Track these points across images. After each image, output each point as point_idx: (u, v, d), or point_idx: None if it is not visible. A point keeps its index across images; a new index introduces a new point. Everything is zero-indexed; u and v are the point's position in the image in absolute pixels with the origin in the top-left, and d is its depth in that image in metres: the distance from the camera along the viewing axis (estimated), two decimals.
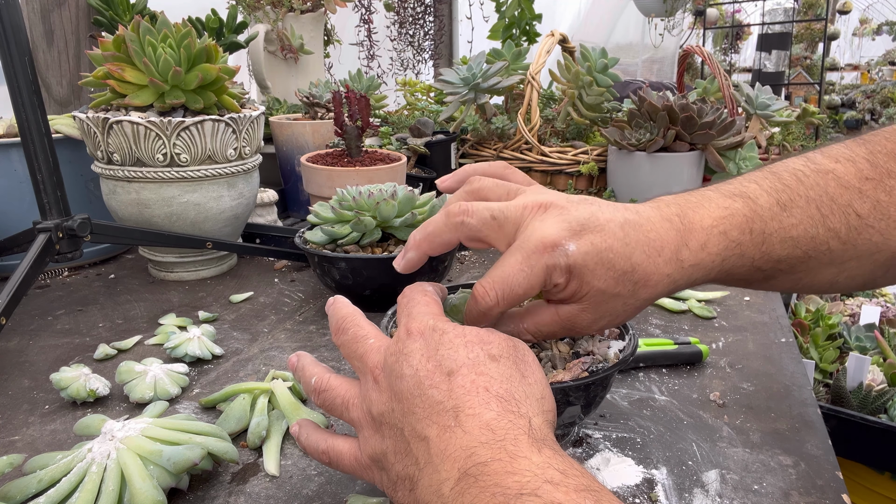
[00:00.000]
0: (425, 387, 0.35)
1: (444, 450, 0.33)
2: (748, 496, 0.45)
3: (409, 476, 0.35)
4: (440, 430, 0.34)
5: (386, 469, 0.37)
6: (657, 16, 3.20)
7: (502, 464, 0.31)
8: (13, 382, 0.62)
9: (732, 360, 0.66)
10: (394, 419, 0.36)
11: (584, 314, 0.42)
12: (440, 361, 0.36)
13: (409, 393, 0.36)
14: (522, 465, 0.31)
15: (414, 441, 0.35)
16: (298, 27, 1.41)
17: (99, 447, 0.43)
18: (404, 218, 0.75)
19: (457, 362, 0.36)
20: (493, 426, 0.33)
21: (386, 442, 0.37)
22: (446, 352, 0.37)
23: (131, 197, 0.83)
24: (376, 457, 0.38)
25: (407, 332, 0.39)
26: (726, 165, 1.02)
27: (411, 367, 0.36)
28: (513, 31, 1.43)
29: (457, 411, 0.34)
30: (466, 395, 0.35)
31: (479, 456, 0.32)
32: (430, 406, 0.35)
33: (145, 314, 0.78)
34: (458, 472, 0.32)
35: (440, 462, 0.33)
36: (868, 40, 6.42)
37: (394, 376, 0.37)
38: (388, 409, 0.37)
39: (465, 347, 0.37)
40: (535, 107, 1.11)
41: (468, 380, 0.35)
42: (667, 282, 0.42)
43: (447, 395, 0.35)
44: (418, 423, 0.35)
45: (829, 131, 4.53)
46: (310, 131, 1.16)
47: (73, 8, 1.15)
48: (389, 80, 2.23)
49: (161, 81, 0.78)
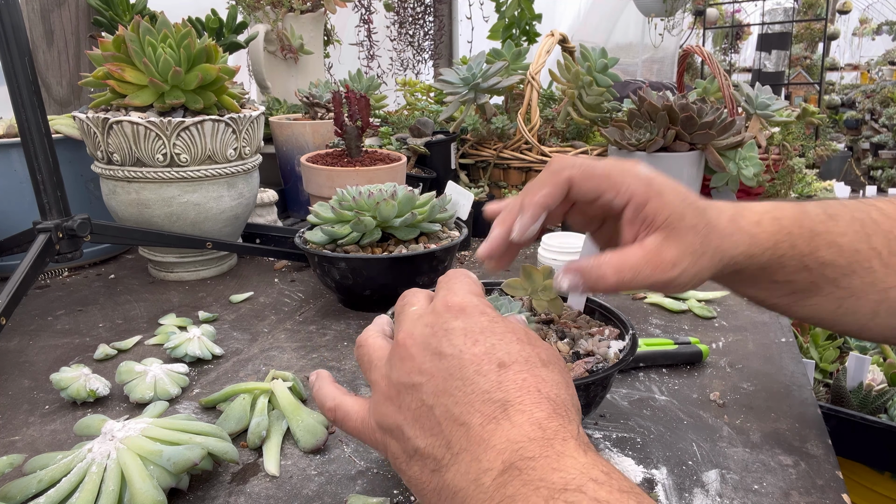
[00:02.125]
0: (470, 371, 0.35)
1: (487, 439, 0.33)
2: (748, 496, 0.45)
3: (435, 457, 0.34)
4: (484, 419, 0.33)
5: (400, 440, 0.36)
6: (657, 16, 3.20)
7: (549, 461, 0.31)
8: (13, 382, 0.62)
9: (732, 359, 0.66)
10: (422, 394, 0.35)
11: (667, 246, 0.41)
12: (490, 350, 0.35)
13: (448, 374, 0.35)
14: (568, 463, 0.31)
15: (448, 423, 0.34)
16: (298, 27, 1.41)
17: (99, 447, 0.43)
18: (404, 218, 0.75)
19: (511, 356, 0.35)
20: (543, 425, 0.33)
21: (403, 414, 0.36)
22: (498, 342, 0.36)
23: (131, 197, 0.83)
24: (387, 426, 0.37)
25: (445, 305, 0.38)
26: (726, 165, 1.02)
27: (454, 347, 0.36)
28: (513, 31, 1.43)
29: (506, 404, 0.34)
30: (518, 391, 0.34)
31: (527, 451, 0.32)
32: (475, 393, 0.34)
33: (145, 314, 0.78)
34: (503, 463, 0.32)
35: (482, 451, 0.33)
36: (868, 40, 6.41)
37: (430, 350, 0.36)
38: (415, 381, 0.36)
39: (517, 343, 0.36)
40: (535, 107, 1.11)
41: (521, 377, 0.35)
42: (731, 240, 0.43)
43: (496, 385, 0.34)
44: (456, 406, 0.34)
45: (828, 131, 4.53)
46: (310, 131, 1.16)
47: (73, 8, 1.15)
48: (389, 80, 2.23)
49: (161, 81, 0.78)
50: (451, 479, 0.33)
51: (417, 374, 0.36)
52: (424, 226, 0.77)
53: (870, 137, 4.74)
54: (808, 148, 1.27)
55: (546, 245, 0.79)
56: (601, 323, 0.55)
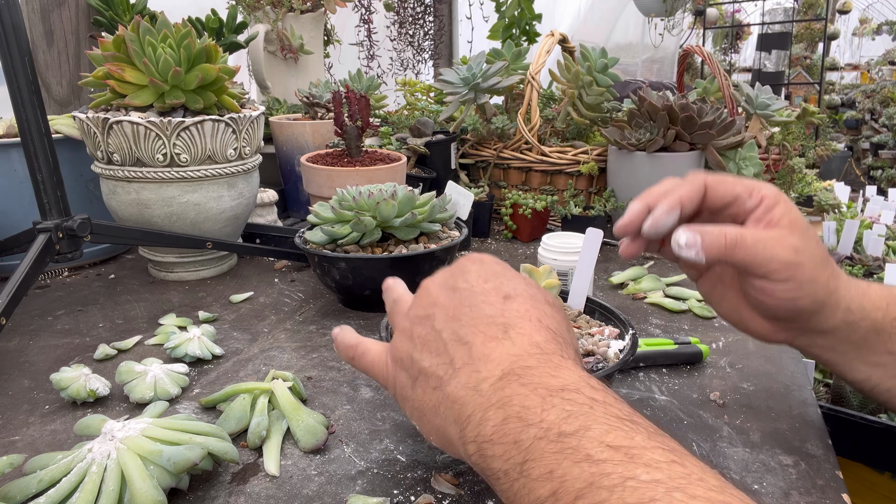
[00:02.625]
0: (478, 301, 0.38)
1: (487, 354, 0.35)
2: (748, 496, 0.45)
3: (438, 375, 0.37)
4: (486, 338, 0.36)
5: (407, 367, 0.39)
6: (657, 15, 3.20)
7: (547, 368, 0.34)
8: (13, 382, 0.62)
9: (732, 359, 0.65)
10: (432, 322, 0.38)
11: (792, 236, 0.43)
12: (498, 286, 0.39)
13: (459, 303, 0.38)
14: (565, 373, 0.33)
15: (453, 343, 0.37)
16: (298, 27, 1.41)
17: (99, 447, 0.43)
18: (404, 218, 0.75)
19: (516, 290, 0.39)
20: (541, 346, 0.35)
21: (413, 342, 0.39)
22: (506, 280, 0.39)
23: (131, 197, 0.83)
24: (399, 357, 0.40)
25: (466, 258, 0.42)
26: (726, 165, 1.02)
27: (467, 283, 0.39)
28: (513, 31, 1.43)
29: (507, 327, 0.36)
30: (519, 318, 0.37)
31: (525, 361, 0.34)
32: (480, 318, 0.37)
33: (145, 314, 0.78)
34: (501, 371, 0.34)
35: (482, 363, 0.35)
36: (868, 40, 6.41)
37: (446, 287, 0.40)
38: (428, 312, 0.39)
39: (525, 283, 0.40)
40: (535, 107, 1.11)
41: (523, 307, 0.38)
42: (845, 280, 0.45)
43: (500, 312, 0.37)
44: (461, 328, 0.37)
45: (828, 131, 4.53)
46: (310, 131, 1.16)
47: (73, 8, 1.15)
48: (389, 80, 2.23)
49: (161, 81, 0.78)
50: (452, 391, 0.36)
51: (432, 307, 0.39)
52: (424, 226, 0.77)
53: (870, 137, 4.74)
54: (808, 148, 1.27)
55: (546, 245, 0.79)
56: (601, 323, 0.55)
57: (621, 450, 0.29)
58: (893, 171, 4.33)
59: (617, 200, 1.04)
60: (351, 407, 0.57)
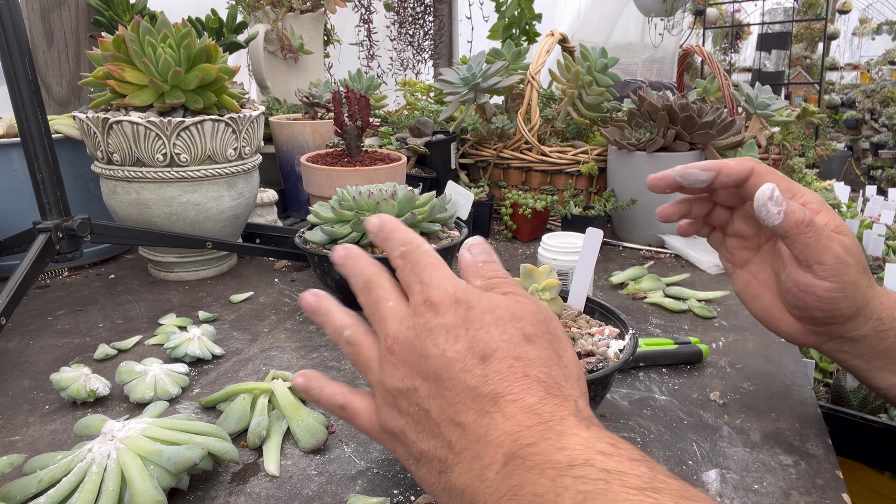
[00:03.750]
0: (456, 370, 0.34)
1: (484, 435, 0.32)
2: (748, 496, 0.45)
3: (440, 458, 0.34)
4: (477, 415, 0.33)
5: (404, 444, 0.36)
6: (657, 15, 3.20)
7: (551, 442, 0.30)
8: (13, 382, 0.62)
9: (732, 359, 0.65)
10: (417, 398, 0.35)
11: (840, 236, 0.44)
12: (471, 344, 0.34)
13: (437, 375, 0.34)
14: (572, 441, 0.30)
15: (445, 425, 0.34)
16: (298, 27, 1.41)
17: (99, 447, 0.43)
18: (404, 218, 0.75)
19: (490, 346, 0.34)
20: (537, 410, 0.32)
21: (404, 418, 0.36)
22: (476, 332, 0.35)
23: (131, 197, 0.83)
24: (390, 430, 0.37)
25: (426, 302, 0.36)
26: None
27: (437, 347, 0.35)
28: (513, 30, 1.43)
29: (496, 397, 0.33)
30: (504, 382, 0.33)
31: (525, 438, 0.31)
32: (464, 391, 0.34)
33: (145, 314, 0.78)
34: (504, 456, 0.31)
35: (481, 448, 0.32)
36: (868, 40, 6.41)
37: (416, 354, 0.35)
38: (407, 386, 0.35)
39: (496, 327, 0.35)
40: (535, 106, 1.11)
41: (504, 365, 0.34)
42: (877, 290, 0.45)
43: (482, 380, 0.33)
44: (450, 407, 0.34)
45: (828, 131, 4.53)
46: (310, 131, 1.16)
47: (73, 8, 1.15)
48: (389, 80, 2.23)
49: (161, 81, 0.78)
50: (457, 479, 0.33)
51: (409, 380, 0.35)
52: (424, 226, 0.77)
53: (870, 137, 4.74)
54: (808, 148, 1.27)
55: (546, 245, 0.79)
56: (601, 323, 0.55)
57: None
58: (893, 171, 4.33)
59: (617, 200, 1.04)
60: None
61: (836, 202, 1.25)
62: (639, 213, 1.03)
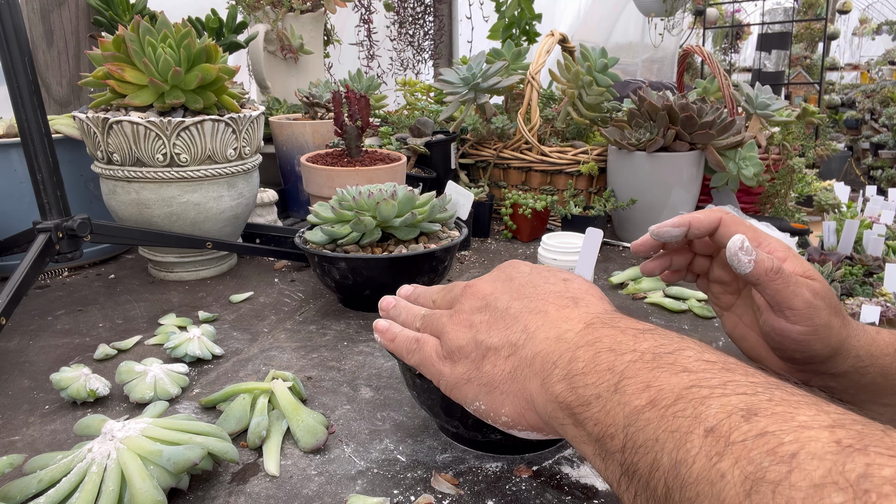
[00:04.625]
0: (539, 282, 0.41)
1: (566, 316, 0.38)
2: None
3: (511, 342, 0.38)
4: (559, 307, 0.39)
5: (467, 356, 0.40)
6: (657, 15, 3.20)
7: (630, 321, 0.36)
8: (13, 382, 0.62)
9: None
10: (495, 305, 0.41)
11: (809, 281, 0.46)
12: (553, 272, 0.43)
13: (519, 286, 0.41)
14: (644, 324, 0.35)
15: (525, 314, 0.39)
16: (298, 27, 1.41)
17: (99, 447, 0.43)
18: (404, 218, 0.75)
19: (570, 276, 0.43)
20: (609, 310, 0.39)
21: (476, 328, 0.40)
22: (556, 272, 0.43)
23: (131, 197, 0.83)
24: (455, 346, 0.41)
25: (504, 263, 0.46)
26: (726, 165, 1.02)
27: (520, 273, 0.43)
28: (513, 30, 1.43)
29: (576, 299, 0.39)
30: (583, 293, 0.40)
31: (607, 315, 0.37)
32: (547, 293, 0.40)
33: (145, 314, 0.78)
34: (584, 322, 0.36)
35: (562, 322, 0.37)
36: (868, 40, 6.40)
37: (499, 281, 0.43)
38: (485, 302, 0.41)
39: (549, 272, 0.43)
40: (535, 107, 1.11)
41: (584, 286, 0.41)
42: (854, 327, 0.47)
43: (565, 289, 0.41)
44: (531, 303, 0.40)
45: (828, 131, 4.53)
46: (310, 131, 1.16)
47: (73, 8, 1.15)
48: (389, 80, 2.23)
49: (161, 81, 0.78)
50: (531, 349, 0.37)
51: (489, 296, 0.41)
52: (424, 226, 0.77)
53: (870, 137, 4.74)
54: (808, 148, 1.27)
55: (546, 245, 0.79)
56: None
57: (718, 363, 0.30)
58: (893, 171, 4.33)
59: (617, 200, 1.04)
60: (351, 407, 0.57)
61: (836, 202, 1.25)
62: (639, 214, 1.03)
